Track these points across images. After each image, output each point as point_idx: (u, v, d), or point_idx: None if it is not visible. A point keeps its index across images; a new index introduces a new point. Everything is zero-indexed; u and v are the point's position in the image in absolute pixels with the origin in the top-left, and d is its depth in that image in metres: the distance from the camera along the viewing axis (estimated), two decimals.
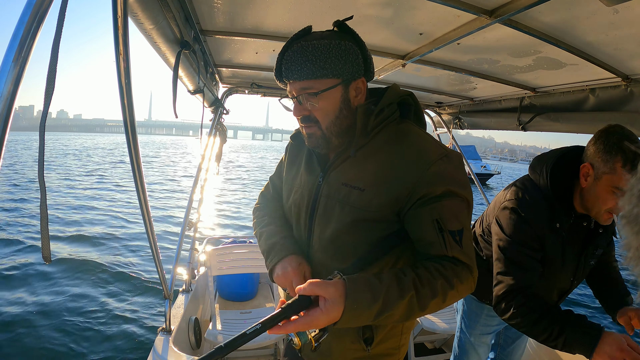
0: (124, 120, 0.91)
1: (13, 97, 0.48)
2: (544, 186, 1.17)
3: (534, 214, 1.14)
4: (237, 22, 1.32)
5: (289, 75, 0.80)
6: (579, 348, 0.96)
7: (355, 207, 0.80)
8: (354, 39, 0.83)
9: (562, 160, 1.17)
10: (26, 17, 0.48)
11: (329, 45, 0.78)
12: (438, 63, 1.62)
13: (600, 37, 1.08)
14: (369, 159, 0.82)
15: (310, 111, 0.82)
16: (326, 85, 0.79)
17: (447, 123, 2.77)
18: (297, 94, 0.82)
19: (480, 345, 1.53)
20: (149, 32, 1.00)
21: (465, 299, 1.53)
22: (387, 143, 0.82)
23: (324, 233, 0.85)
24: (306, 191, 0.91)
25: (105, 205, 10.10)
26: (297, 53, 0.78)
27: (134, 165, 1.03)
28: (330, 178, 0.87)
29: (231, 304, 2.78)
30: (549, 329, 1.00)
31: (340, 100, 0.81)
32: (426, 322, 2.34)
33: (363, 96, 0.85)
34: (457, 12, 1.04)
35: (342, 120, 0.83)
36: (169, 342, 1.69)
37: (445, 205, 0.74)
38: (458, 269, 0.72)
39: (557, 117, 1.74)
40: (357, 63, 0.81)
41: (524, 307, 1.05)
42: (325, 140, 0.84)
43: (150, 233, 1.32)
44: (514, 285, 1.09)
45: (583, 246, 1.20)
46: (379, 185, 0.79)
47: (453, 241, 0.73)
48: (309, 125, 0.84)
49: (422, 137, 0.83)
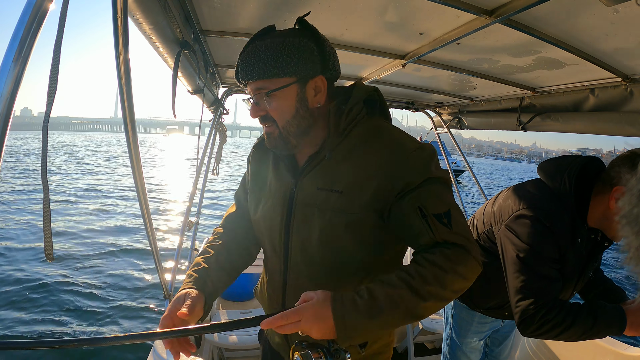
0: (124, 120, 0.91)
1: (13, 97, 0.48)
2: (564, 196, 1.10)
3: (558, 224, 1.08)
4: (237, 22, 1.31)
5: (244, 76, 0.79)
6: (612, 330, 1.02)
7: (337, 211, 0.78)
8: (313, 35, 0.80)
9: (583, 171, 1.11)
10: (26, 17, 0.48)
11: (282, 44, 0.76)
12: (438, 63, 1.61)
13: (600, 37, 1.08)
14: (344, 160, 0.81)
15: (267, 111, 0.81)
16: (279, 84, 0.77)
17: (447, 123, 2.77)
18: (253, 95, 0.81)
19: (471, 351, 1.51)
20: (149, 32, 0.99)
21: (454, 308, 1.49)
22: (361, 142, 0.81)
23: (307, 242, 0.83)
24: (278, 200, 0.87)
25: (105, 205, 10.09)
26: (251, 54, 0.77)
27: (134, 164, 1.03)
28: (304, 184, 0.84)
29: (231, 304, 2.78)
30: (583, 327, 1.00)
31: (296, 99, 0.79)
32: (426, 322, 2.34)
33: (323, 95, 0.82)
34: (457, 12, 1.04)
35: (299, 120, 0.81)
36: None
37: (426, 190, 0.74)
38: (450, 252, 0.69)
39: (557, 117, 1.74)
40: (313, 61, 0.78)
41: (558, 317, 1.01)
42: (283, 141, 0.82)
43: (150, 233, 1.32)
44: (543, 299, 1.02)
45: (588, 259, 1.18)
46: (358, 186, 0.78)
47: (440, 224, 0.71)
48: (267, 125, 0.83)
49: (394, 133, 0.83)
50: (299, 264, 0.86)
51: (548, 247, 1.07)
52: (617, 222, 0.96)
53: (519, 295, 1.06)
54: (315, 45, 0.79)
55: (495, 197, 1.33)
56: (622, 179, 1.00)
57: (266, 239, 0.92)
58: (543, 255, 1.06)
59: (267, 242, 0.92)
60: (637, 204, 0.88)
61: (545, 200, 1.12)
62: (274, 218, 0.88)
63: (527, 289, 1.05)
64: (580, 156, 1.17)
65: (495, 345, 1.59)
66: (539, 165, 1.24)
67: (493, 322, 1.45)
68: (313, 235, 0.82)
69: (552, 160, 1.22)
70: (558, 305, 1.02)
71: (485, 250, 1.30)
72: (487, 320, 1.43)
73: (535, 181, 1.22)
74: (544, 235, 1.07)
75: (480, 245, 1.32)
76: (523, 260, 1.07)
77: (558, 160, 1.20)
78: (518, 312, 1.06)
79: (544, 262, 1.06)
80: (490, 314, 1.41)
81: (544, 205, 1.11)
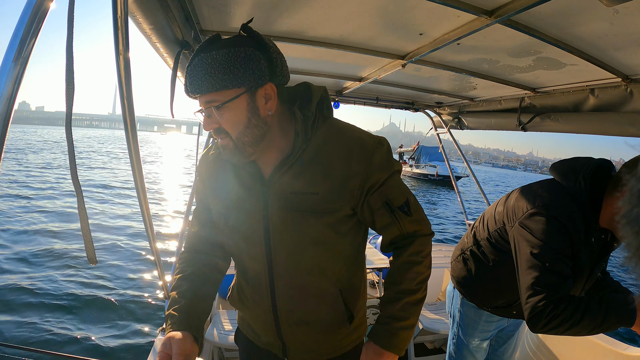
0: (124, 118, 0.91)
1: (13, 97, 0.48)
2: (579, 195, 1.12)
3: (572, 222, 1.08)
4: (237, 22, 1.31)
5: (193, 90, 0.77)
6: (622, 325, 1.02)
7: (318, 211, 0.84)
8: (258, 43, 0.79)
9: (597, 172, 1.12)
10: (26, 17, 0.48)
11: (227, 55, 0.74)
12: (438, 63, 1.62)
13: (600, 37, 1.08)
14: (312, 163, 0.84)
15: (219, 124, 0.80)
16: (228, 96, 0.76)
17: (447, 123, 2.77)
18: (204, 108, 0.80)
19: (477, 350, 1.51)
20: (149, 32, 1.00)
21: (462, 306, 1.49)
22: (324, 143, 0.85)
23: (291, 246, 0.86)
24: (251, 210, 0.87)
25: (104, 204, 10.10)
26: (197, 67, 0.76)
27: (134, 164, 1.03)
28: (276, 190, 0.85)
29: None
30: (593, 322, 1.01)
31: (247, 109, 0.79)
32: (426, 322, 2.34)
33: (274, 102, 0.82)
34: (457, 12, 1.04)
35: (252, 130, 0.80)
36: None
37: (390, 186, 0.86)
38: (416, 245, 0.90)
39: (557, 118, 1.74)
40: (260, 69, 0.77)
41: (566, 312, 1.01)
42: (239, 151, 0.82)
43: (150, 233, 1.32)
44: (554, 294, 1.02)
45: (598, 259, 1.19)
46: (331, 185, 0.83)
47: (403, 215, 0.87)
48: (221, 137, 0.82)
49: (351, 130, 0.88)
50: (284, 267, 0.88)
51: (562, 243, 1.07)
52: (617, 222, 0.96)
53: (530, 291, 1.06)
54: (261, 53, 0.78)
55: (506, 195, 1.34)
56: (623, 179, 1.01)
57: (243, 249, 0.92)
58: (557, 251, 1.07)
59: (245, 252, 0.92)
60: (637, 204, 0.88)
61: (559, 198, 1.14)
62: (250, 228, 0.88)
63: (539, 285, 1.05)
64: (593, 158, 1.19)
65: (499, 345, 1.59)
66: (552, 165, 1.26)
67: (499, 322, 1.46)
68: (297, 238, 0.85)
69: (566, 160, 1.23)
70: (566, 300, 1.02)
71: (495, 248, 1.31)
72: (493, 320, 1.44)
73: (548, 181, 1.23)
74: (558, 231, 1.08)
75: (491, 244, 1.33)
76: (537, 256, 1.08)
77: (571, 160, 1.22)
78: (528, 308, 1.06)
79: (558, 258, 1.06)
80: (498, 313, 1.41)
81: (559, 203, 1.12)
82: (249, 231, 0.89)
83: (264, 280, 0.92)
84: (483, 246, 1.36)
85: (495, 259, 1.31)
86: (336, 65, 1.88)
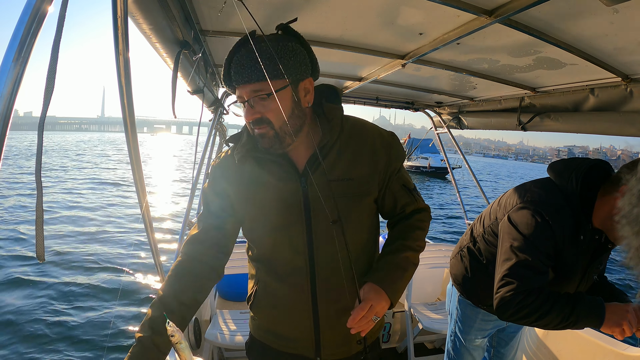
0: (124, 120, 0.90)
1: (13, 97, 0.48)
2: (571, 193, 1.13)
3: (558, 221, 1.09)
4: (237, 23, 1.31)
5: (239, 79, 0.80)
6: (590, 322, 1.03)
7: (355, 195, 0.91)
8: (299, 40, 0.84)
9: (591, 172, 1.13)
10: (26, 18, 0.48)
11: (277, 48, 0.79)
12: (438, 63, 1.62)
13: (600, 37, 1.08)
14: (344, 152, 0.92)
15: (262, 113, 0.82)
16: (277, 86, 0.79)
17: (447, 123, 2.77)
18: (248, 97, 0.82)
19: (475, 349, 1.52)
20: (149, 33, 0.99)
21: (459, 304, 1.51)
22: (351, 135, 0.94)
23: (331, 231, 0.87)
24: (291, 201, 0.89)
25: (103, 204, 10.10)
26: (245, 57, 0.79)
27: (134, 164, 1.03)
28: (315, 179, 0.87)
29: (231, 304, 2.78)
30: (561, 315, 1.02)
31: (291, 100, 0.83)
32: (426, 322, 2.34)
33: (311, 95, 0.88)
34: (457, 12, 1.04)
35: (294, 120, 0.85)
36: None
37: (403, 172, 1.00)
38: (423, 215, 1.02)
39: (557, 117, 1.74)
40: (305, 63, 0.84)
41: (535, 303, 1.03)
42: (279, 140, 0.85)
43: (150, 233, 1.32)
44: (523, 286, 1.04)
45: (591, 260, 1.19)
46: (362, 171, 0.92)
47: (418, 195, 1.02)
48: (261, 126, 0.84)
49: (369, 124, 0.98)
50: (325, 253, 0.90)
51: (544, 241, 1.09)
52: (617, 222, 0.97)
53: (502, 282, 1.10)
54: (305, 50, 0.85)
55: (503, 194, 1.36)
56: (623, 179, 1.02)
57: (284, 243, 0.91)
58: (537, 247, 1.08)
59: (287, 246, 0.91)
60: (637, 204, 0.88)
61: (549, 195, 1.15)
62: (292, 219, 0.89)
63: (510, 276, 1.08)
64: (589, 158, 1.20)
65: (501, 346, 1.60)
66: (550, 164, 1.27)
67: (497, 321, 1.46)
68: (342, 220, 0.85)
69: (563, 160, 1.25)
70: (537, 292, 1.04)
71: (489, 244, 1.32)
72: (490, 318, 1.44)
73: (544, 179, 1.25)
74: (541, 228, 1.09)
75: (485, 240, 1.35)
76: (515, 249, 1.10)
77: (568, 160, 1.23)
78: (498, 297, 1.09)
79: (535, 254, 1.08)
80: (493, 312, 1.41)
81: (548, 200, 1.14)
82: (291, 223, 0.90)
83: (304, 273, 0.91)
84: (479, 242, 1.38)
85: (488, 256, 1.33)
86: (336, 65, 1.88)
